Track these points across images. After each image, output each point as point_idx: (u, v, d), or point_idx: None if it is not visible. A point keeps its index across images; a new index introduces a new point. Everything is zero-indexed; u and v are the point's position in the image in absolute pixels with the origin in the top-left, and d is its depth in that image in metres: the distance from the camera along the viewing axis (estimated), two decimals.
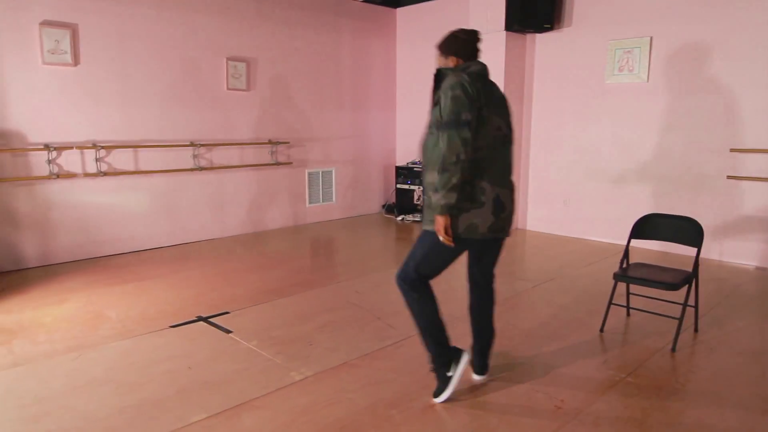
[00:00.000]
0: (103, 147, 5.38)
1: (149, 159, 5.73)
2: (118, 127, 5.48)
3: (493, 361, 3.06)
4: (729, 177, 5.11)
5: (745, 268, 5.05)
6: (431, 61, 7.54)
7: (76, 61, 5.15)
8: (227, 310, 3.93)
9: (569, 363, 3.09)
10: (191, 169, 6.03)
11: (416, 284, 2.62)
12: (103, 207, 5.46)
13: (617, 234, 5.95)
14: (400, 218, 7.52)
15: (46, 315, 3.86)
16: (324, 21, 7.08)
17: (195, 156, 6.05)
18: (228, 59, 6.17)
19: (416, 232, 6.86)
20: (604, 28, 5.82)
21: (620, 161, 5.87)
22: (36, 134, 5.01)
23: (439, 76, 2.57)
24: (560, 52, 6.23)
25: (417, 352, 3.15)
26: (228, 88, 6.23)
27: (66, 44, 5.07)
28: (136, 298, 4.21)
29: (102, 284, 4.58)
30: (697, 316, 3.56)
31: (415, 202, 7.54)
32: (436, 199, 2.38)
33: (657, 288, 3.26)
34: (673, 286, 3.21)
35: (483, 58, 2.72)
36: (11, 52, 4.81)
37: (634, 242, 3.66)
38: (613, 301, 3.58)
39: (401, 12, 7.89)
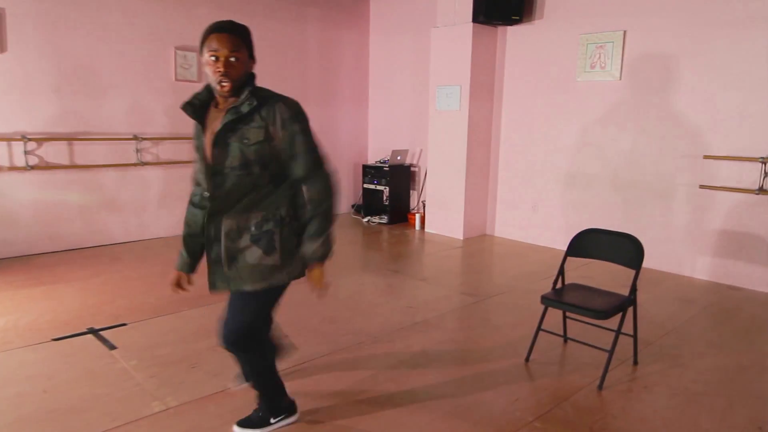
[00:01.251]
0: (32, 139, 5.07)
1: (85, 153, 5.41)
2: (50, 119, 5.16)
3: (391, 387, 2.67)
4: (702, 186, 4.64)
5: (717, 287, 4.59)
6: (406, 53, 7.14)
7: (2, 48, 4.83)
8: (126, 322, 3.59)
9: (477, 397, 2.69)
10: (134, 164, 5.70)
11: (256, 338, 2.18)
12: (32, 203, 5.16)
13: None
14: (366, 220, 7.14)
15: None
16: (289, 10, 6.70)
17: (138, 150, 5.71)
18: (176, 48, 5.82)
19: (382, 234, 6.48)
20: (576, 20, 5.36)
21: (591, 165, 5.42)
22: None
23: (256, 94, 1.95)
24: (530, 46, 5.78)
25: (308, 381, 2.77)
26: (176, 79, 5.88)
27: None
28: (37, 304, 3.89)
29: (12, 286, 4.27)
30: (636, 348, 3.13)
31: (384, 203, 7.15)
32: (317, 246, 2.05)
33: (585, 316, 2.84)
34: (603, 315, 2.79)
35: (450, 50, 2.12)
36: None
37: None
38: (543, 328, 3.17)
39: (375, 2, 7.48)
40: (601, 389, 2.82)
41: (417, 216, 6.73)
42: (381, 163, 7.16)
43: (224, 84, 1.90)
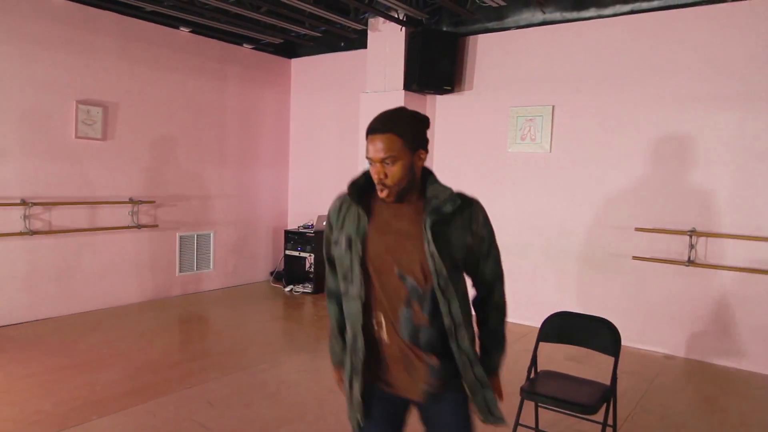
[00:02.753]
0: None
1: None
2: None
3: None
4: (635, 257, 4.79)
5: (654, 356, 4.67)
6: (328, 116, 6.94)
7: None
8: None
9: None
10: (20, 233, 4.86)
11: None
12: None
13: (521, 314, 5.44)
14: (288, 289, 6.65)
15: None
16: (206, 66, 6.28)
17: (26, 217, 4.90)
18: (78, 102, 5.17)
19: (307, 306, 6.02)
20: (506, 93, 5.49)
21: (523, 235, 5.44)
22: None
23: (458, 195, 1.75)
24: (461, 115, 5.83)
25: None
26: (77, 137, 5.19)
27: None
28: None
29: None
30: None
31: (306, 269, 6.73)
32: (502, 356, 1.85)
33: (572, 411, 2.65)
34: (591, 409, 2.61)
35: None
36: None
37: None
38: (520, 422, 2.93)
39: (296, 63, 7.28)
40: None
41: None
42: (305, 228, 6.78)
43: (382, 191, 1.66)
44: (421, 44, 5.45)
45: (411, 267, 1.65)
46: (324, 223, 1.93)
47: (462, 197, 1.76)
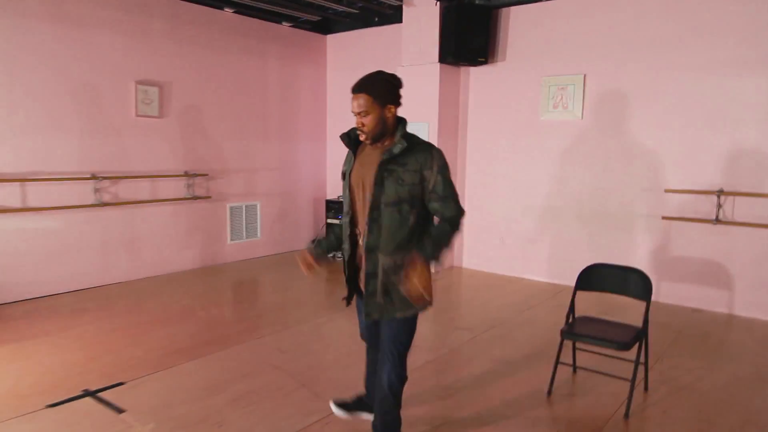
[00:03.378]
0: None
1: (40, 194, 4.99)
2: (1, 159, 4.74)
3: (426, 427, 2.67)
4: (664, 217, 5.05)
5: (682, 310, 4.97)
6: None
7: None
8: (122, 381, 3.32)
9: None
10: (92, 205, 5.33)
11: (404, 363, 2.47)
12: None
13: (555, 273, 5.78)
14: (330, 255, 7.06)
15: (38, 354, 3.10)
16: (248, 45, 6.61)
17: (97, 190, 5.35)
18: (137, 83, 5.57)
19: None
20: (538, 64, 5.72)
21: (556, 199, 5.73)
22: None
23: (408, 139, 2.27)
24: (495, 86, 6.08)
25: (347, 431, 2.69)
26: (137, 115, 5.60)
27: None
28: (9, 366, 3.51)
29: None
30: (647, 374, 3.32)
31: None
32: (436, 251, 2.26)
33: (608, 347, 2.99)
34: (625, 346, 2.95)
35: (417, 89, 2.49)
36: None
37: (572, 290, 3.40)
38: (560, 360, 3.29)
39: (331, 39, 7.56)
40: (628, 418, 2.96)
41: None
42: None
43: (361, 136, 2.30)
44: (455, 18, 5.69)
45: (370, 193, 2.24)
46: None
47: (415, 143, 2.26)
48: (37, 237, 5.00)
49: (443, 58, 5.90)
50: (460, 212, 2.30)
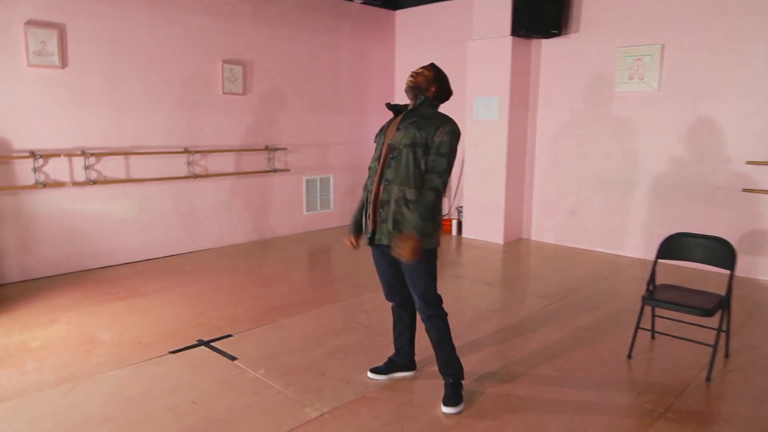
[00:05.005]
0: (92, 154, 5.09)
1: (141, 166, 5.44)
2: (108, 134, 5.19)
3: (511, 390, 2.87)
4: (744, 190, 4.98)
5: (762, 283, 4.92)
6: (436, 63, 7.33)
7: (63, 64, 4.86)
8: (230, 333, 3.69)
9: (600, 394, 2.91)
10: (185, 177, 5.76)
11: (440, 305, 2.81)
12: (93, 217, 5.17)
13: (627, 246, 5.80)
14: None
15: (33, 338, 3.58)
16: (322, 22, 6.84)
17: (189, 163, 5.77)
18: (224, 62, 5.91)
19: None
20: (614, 34, 5.67)
21: (630, 172, 5.72)
22: (21, 140, 4.71)
23: (423, 103, 2.75)
24: (568, 58, 6.07)
25: (435, 382, 2.93)
26: (224, 92, 5.96)
27: (53, 45, 4.77)
28: (130, 318, 3.95)
29: (92, 301, 4.31)
30: (729, 342, 3.40)
31: None
32: (423, 225, 2.56)
33: (691, 314, 3.09)
34: (708, 312, 3.04)
35: (488, 63, 2.84)
36: None
37: (649, 259, 3.48)
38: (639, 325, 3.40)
39: (400, 14, 7.68)
40: (710, 381, 3.06)
41: (453, 222, 6.93)
42: None
43: (408, 82, 2.80)
44: None
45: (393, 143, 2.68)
46: None
47: (439, 115, 2.70)
48: (140, 206, 5.47)
49: (516, 31, 5.93)
50: (443, 183, 2.60)
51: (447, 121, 2.65)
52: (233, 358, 3.31)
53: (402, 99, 7.90)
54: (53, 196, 4.91)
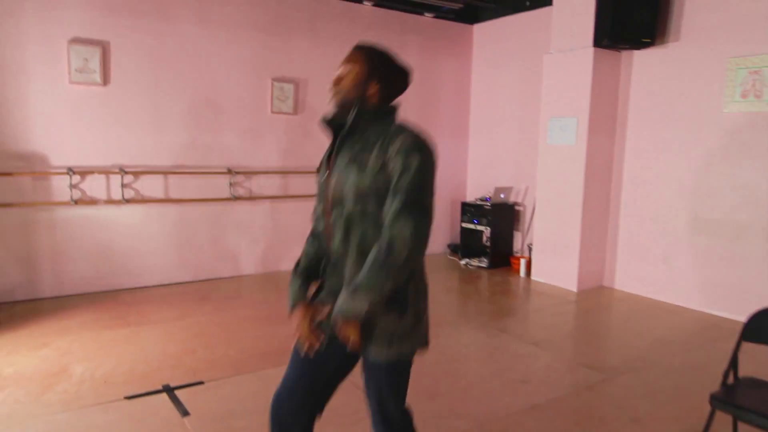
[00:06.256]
0: (129, 172, 5.02)
1: (180, 186, 5.29)
2: (147, 152, 5.10)
3: None
4: None
5: None
6: (509, 83, 6.58)
7: (105, 81, 4.84)
8: (203, 380, 3.25)
9: None
10: (226, 199, 5.53)
11: (408, 426, 1.83)
12: (127, 236, 5.08)
13: (733, 306, 4.58)
14: (463, 262, 6.55)
15: (9, 364, 3.41)
16: (387, 38, 6.36)
17: (231, 184, 5.54)
18: (273, 80, 5.64)
19: (482, 281, 5.87)
20: (724, 42, 4.56)
21: (742, 212, 4.52)
22: (59, 157, 4.73)
23: (361, 117, 1.75)
24: (664, 72, 5.01)
25: None
26: (272, 111, 5.69)
27: (95, 63, 4.77)
28: (118, 350, 3.67)
29: (96, 326, 4.12)
30: None
31: (483, 243, 6.52)
32: (380, 291, 1.58)
33: None
34: None
35: (566, 79, 1.78)
36: (37, 70, 4.57)
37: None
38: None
39: (478, 28, 7.01)
40: None
41: (522, 261, 6.05)
42: (482, 200, 6.57)
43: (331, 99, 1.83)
44: None
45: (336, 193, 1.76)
46: (501, 196, 1.82)
47: (395, 129, 1.73)
48: (176, 226, 5.31)
49: (598, 41, 5.02)
50: (420, 228, 1.57)
51: (406, 133, 1.68)
52: (186, 414, 2.85)
53: (476, 118, 7.19)
54: (88, 213, 4.88)
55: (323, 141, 6.03)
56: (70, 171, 4.75)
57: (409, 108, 6.65)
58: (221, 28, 5.32)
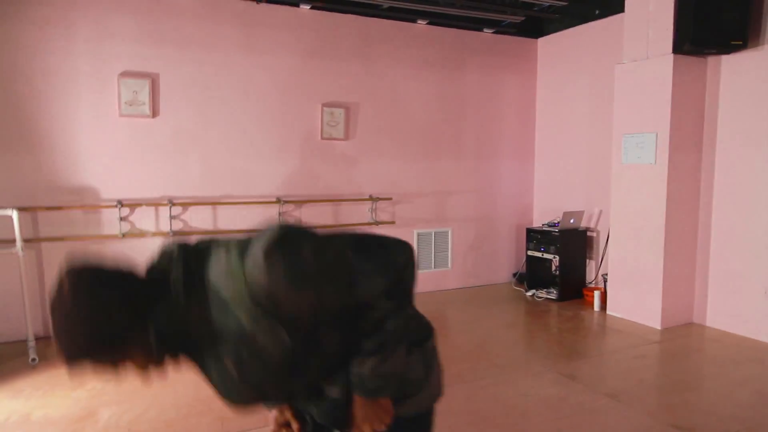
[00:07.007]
0: (177, 203, 4.94)
1: (229, 217, 5.17)
2: (195, 183, 5.02)
3: None
4: None
5: None
6: (579, 98, 6.06)
7: (154, 113, 4.82)
8: None
9: None
10: None
11: None
12: None
13: None
14: (530, 293, 6.00)
15: (41, 406, 3.30)
16: (444, 57, 6.05)
17: (281, 213, 5.36)
18: (323, 105, 5.45)
19: (550, 315, 5.32)
20: None
21: None
22: (108, 190, 4.73)
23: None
24: (759, 79, 4.35)
25: None
26: (322, 138, 5.49)
27: (145, 95, 4.76)
28: (150, 392, 3.48)
29: None
30: None
31: (552, 272, 5.96)
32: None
33: None
34: None
35: (642, 90, 1.33)
36: (89, 105, 4.61)
37: None
38: None
39: (543, 42, 6.54)
40: None
41: (596, 293, 5.43)
42: (549, 226, 6.03)
43: None
44: None
45: None
46: (571, 221, 1.44)
47: None
48: None
49: (678, 47, 4.45)
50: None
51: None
52: None
53: (542, 138, 6.69)
54: (136, 245, 4.83)
55: (376, 167, 5.78)
56: (119, 203, 4.73)
57: (469, 131, 6.29)
58: (269, 55, 5.20)
